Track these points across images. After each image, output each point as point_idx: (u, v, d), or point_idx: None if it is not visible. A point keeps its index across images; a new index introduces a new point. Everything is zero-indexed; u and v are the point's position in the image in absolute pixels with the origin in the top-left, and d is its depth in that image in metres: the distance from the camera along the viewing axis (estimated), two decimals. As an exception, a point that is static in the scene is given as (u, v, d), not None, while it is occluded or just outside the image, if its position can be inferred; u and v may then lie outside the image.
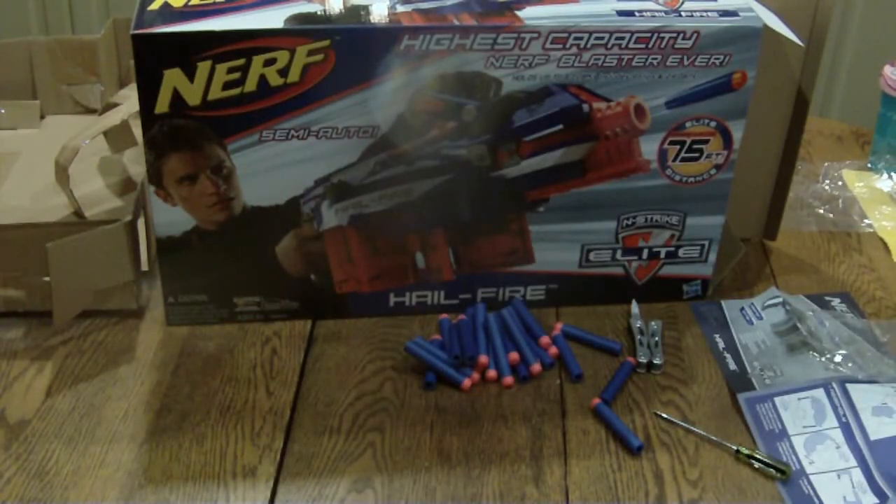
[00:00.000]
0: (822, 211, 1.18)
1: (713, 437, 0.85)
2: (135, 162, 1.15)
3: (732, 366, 0.94)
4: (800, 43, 0.92)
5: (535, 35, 0.85)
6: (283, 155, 0.88)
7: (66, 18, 2.11)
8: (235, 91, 0.85)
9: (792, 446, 0.84)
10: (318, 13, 0.86)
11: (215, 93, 0.85)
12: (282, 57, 0.84)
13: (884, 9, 1.96)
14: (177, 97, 0.84)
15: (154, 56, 0.83)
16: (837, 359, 0.92)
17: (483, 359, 0.91)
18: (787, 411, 0.87)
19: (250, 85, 0.85)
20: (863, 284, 1.05)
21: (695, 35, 0.87)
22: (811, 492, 0.81)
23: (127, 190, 1.10)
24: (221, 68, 0.83)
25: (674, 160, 0.94)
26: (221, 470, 0.82)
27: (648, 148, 0.92)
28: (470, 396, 0.90)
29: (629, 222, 0.97)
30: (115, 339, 0.95)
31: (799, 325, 0.95)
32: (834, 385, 0.88)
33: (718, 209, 0.98)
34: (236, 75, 0.84)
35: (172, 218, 0.91)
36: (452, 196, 0.93)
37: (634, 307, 0.99)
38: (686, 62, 0.88)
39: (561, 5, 0.88)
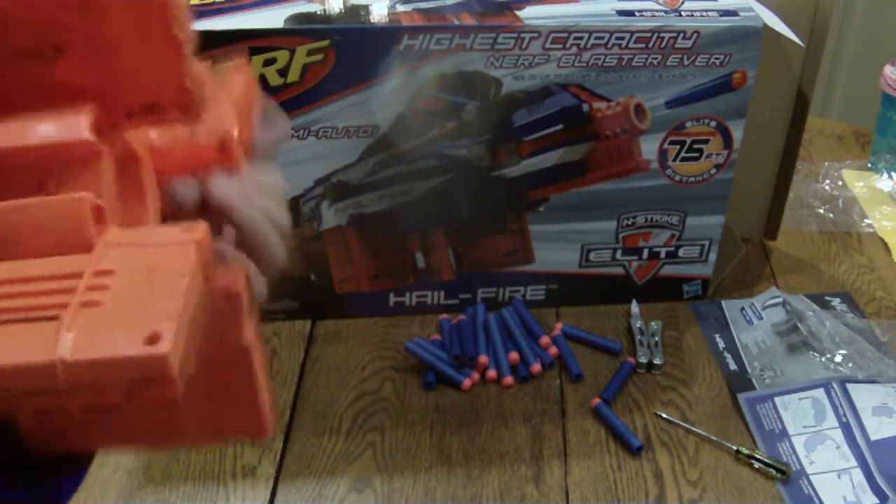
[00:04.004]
0: (822, 211, 1.18)
1: (713, 437, 0.85)
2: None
3: (732, 366, 0.93)
4: (800, 43, 0.92)
5: (535, 35, 0.85)
6: (283, 155, 0.88)
7: (66, 18, 2.11)
8: (235, 91, 0.85)
9: (792, 446, 0.84)
10: (318, 13, 0.86)
11: (215, 93, 0.84)
12: (282, 57, 0.84)
13: (884, 9, 1.96)
14: (177, 97, 0.84)
15: (154, 56, 0.83)
16: (838, 359, 0.92)
17: (483, 359, 0.91)
18: (787, 411, 0.87)
19: (250, 85, 0.84)
20: (863, 284, 1.05)
21: (695, 35, 0.87)
22: (811, 492, 0.81)
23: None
24: (221, 68, 0.83)
25: (674, 160, 0.94)
26: (221, 470, 0.82)
27: (648, 148, 0.92)
28: (470, 396, 0.90)
29: (629, 222, 0.97)
30: (114, 339, 0.95)
31: (799, 325, 0.95)
32: (834, 385, 0.88)
33: (718, 209, 0.97)
34: (236, 75, 0.84)
35: (172, 218, 0.91)
36: (452, 196, 0.93)
37: (634, 307, 0.99)
38: (686, 62, 0.88)
39: (561, 5, 0.88)
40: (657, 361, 0.93)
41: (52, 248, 0.37)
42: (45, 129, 0.38)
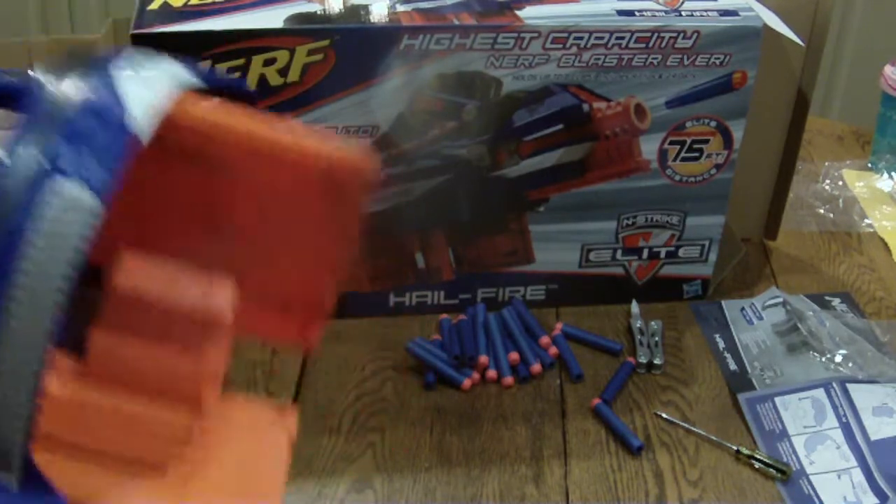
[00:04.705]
0: (822, 211, 1.18)
1: (713, 438, 0.85)
2: (135, 162, 1.14)
3: (733, 366, 0.93)
4: (800, 43, 0.92)
5: (536, 35, 0.85)
6: (283, 155, 0.88)
7: (66, 18, 2.11)
8: (235, 91, 0.85)
9: (792, 446, 0.84)
10: (318, 13, 0.86)
11: (215, 93, 0.84)
12: (281, 57, 0.84)
13: (884, 9, 1.95)
14: (176, 97, 0.84)
15: (154, 56, 0.83)
16: (838, 359, 0.92)
17: (483, 359, 0.91)
18: (787, 411, 0.87)
19: (250, 85, 0.84)
20: (863, 284, 1.05)
21: (695, 35, 0.87)
22: (811, 492, 0.81)
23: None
24: (221, 68, 0.83)
25: (674, 160, 0.94)
26: (221, 470, 0.82)
27: (648, 148, 0.92)
28: (470, 396, 0.90)
29: (629, 222, 0.97)
30: (114, 339, 0.95)
31: (799, 325, 0.95)
32: (834, 385, 0.88)
33: (719, 209, 0.97)
34: (236, 75, 0.84)
35: (172, 218, 0.91)
36: (452, 196, 0.93)
37: (634, 307, 0.99)
38: (686, 62, 0.88)
39: (561, 5, 0.88)
40: (657, 361, 0.93)
41: (166, 396, 0.40)
42: (193, 293, 0.42)
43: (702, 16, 0.88)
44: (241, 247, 0.43)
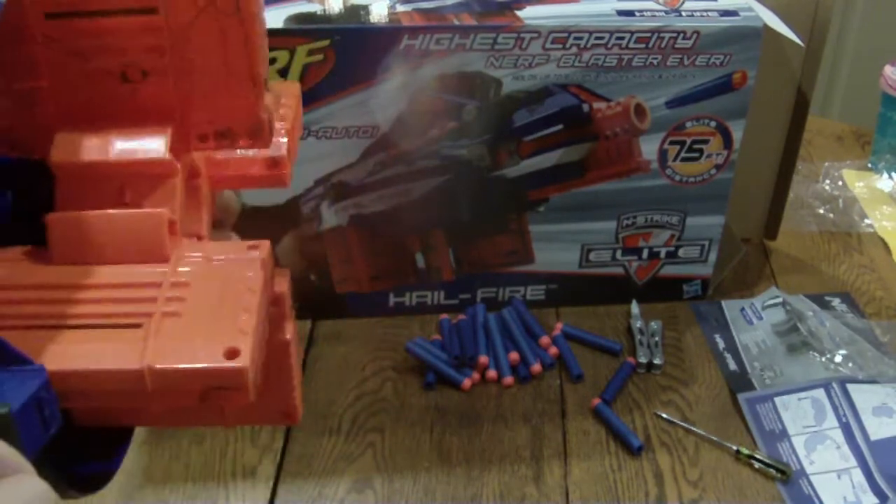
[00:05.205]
0: (822, 211, 1.18)
1: (713, 438, 0.85)
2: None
3: (732, 366, 0.93)
4: (800, 43, 0.92)
5: (535, 35, 0.85)
6: (283, 155, 0.88)
7: (66, 18, 2.11)
8: (235, 91, 0.85)
9: (792, 446, 0.84)
10: (318, 13, 0.86)
11: (215, 93, 0.84)
12: (282, 57, 0.84)
13: (884, 9, 1.96)
14: (176, 97, 0.84)
15: (154, 56, 0.83)
16: (838, 359, 0.92)
17: (483, 359, 0.91)
18: (787, 411, 0.87)
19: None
20: (863, 284, 1.05)
21: (695, 35, 0.87)
22: (811, 492, 0.81)
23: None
24: None
25: (674, 160, 0.94)
26: (221, 470, 0.82)
27: (648, 148, 0.92)
28: (470, 396, 0.90)
29: (629, 222, 0.97)
30: (114, 339, 0.95)
31: (799, 325, 0.95)
32: (834, 385, 0.88)
33: (718, 209, 0.97)
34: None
35: (172, 218, 0.91)
36: (452, 196, 0.93)
37: (634, 307, 0.99)
38: (686, 62, 0.88)
39: (561, 5, 0.88)
40: (657, 362, 0.93)
41: (131, 256, 0.41)
42: (127, 146, 0.43)
43: (702, 16, 0.88)
44: (159, 89, 0.44)
